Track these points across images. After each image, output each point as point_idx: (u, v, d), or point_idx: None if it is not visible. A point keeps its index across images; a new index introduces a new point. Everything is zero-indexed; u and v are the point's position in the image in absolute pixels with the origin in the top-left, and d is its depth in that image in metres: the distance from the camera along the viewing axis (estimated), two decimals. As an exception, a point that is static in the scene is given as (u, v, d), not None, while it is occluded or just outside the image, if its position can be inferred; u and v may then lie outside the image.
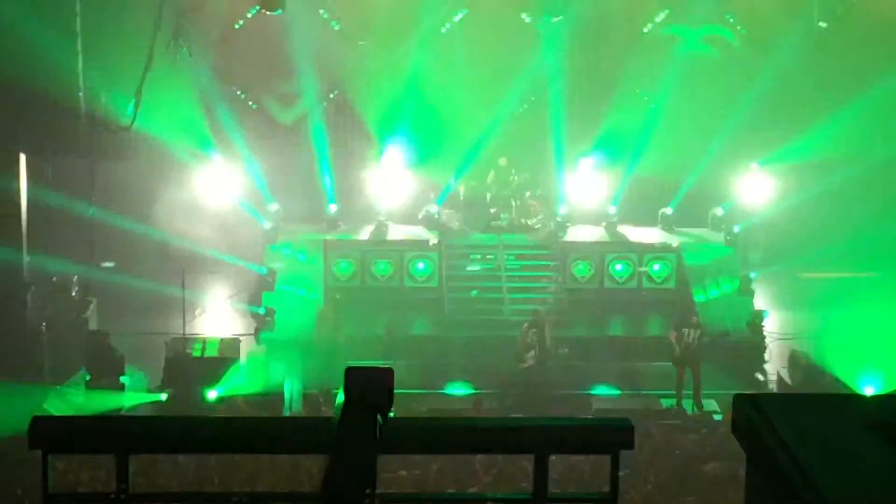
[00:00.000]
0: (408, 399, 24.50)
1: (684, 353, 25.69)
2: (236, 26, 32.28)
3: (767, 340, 28.91)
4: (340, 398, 4.65)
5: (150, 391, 25.36)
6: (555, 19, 32.21)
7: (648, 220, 33.14)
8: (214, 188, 31.47)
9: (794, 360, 26.31)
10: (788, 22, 31.31)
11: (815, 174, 29.47)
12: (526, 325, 26.24)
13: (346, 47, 32.64)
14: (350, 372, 4.66)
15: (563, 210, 32.93)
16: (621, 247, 32.21)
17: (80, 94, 27.48)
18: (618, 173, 32.98)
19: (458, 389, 26.46)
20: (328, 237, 31.81)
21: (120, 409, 24.12)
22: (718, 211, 33.24)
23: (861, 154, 28.74)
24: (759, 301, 30.61)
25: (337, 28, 32.62)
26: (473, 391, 26.17)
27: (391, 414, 4.82)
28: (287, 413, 24.50)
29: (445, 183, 32.75)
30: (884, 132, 28.34)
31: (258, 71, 32.64)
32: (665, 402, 25.95)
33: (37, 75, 25.25)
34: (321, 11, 32.46)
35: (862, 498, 4.02)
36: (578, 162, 33.27)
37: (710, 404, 25.19)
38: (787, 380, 26.35)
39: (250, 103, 32.97)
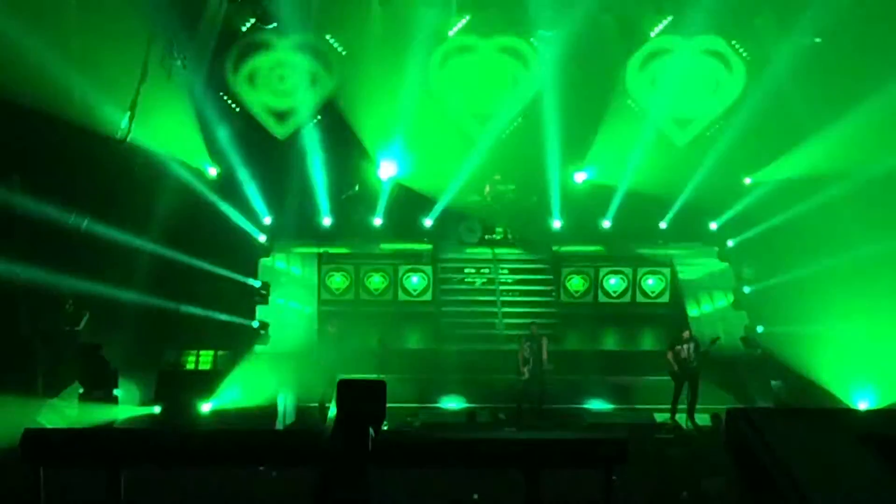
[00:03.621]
0: (401, 412, 24.48)
1: (682, 370, 25.62)
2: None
3: (761, 355, 28.86)
4: (333, 411, 4.65)
5: (143, 404, 25.30)
6: (548, 33, 32.23)
7: (643, 234, 33.16)
8: (209, 201, 31.39)
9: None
10: (783, 37, 31.37)
11: (808, 189, 29.44)
12: (524, 338, 26.23)
13: (341, 61, 32.69)
14: (343, 385, 4.65)
15: (557, 224, 32.98)
16: (615, 261, 32.22)
17: (75, 107, 27.46)
18: (612, 188, 32.98)
19: (451, 403, 26.40)
20: (322, 251, 31.81)
21: (113, 422, 24.03)
22: (713, 226, 33.27)
23: (855, 169, 28.74)
24: (753, 316, 30.55)
25: (331, 42, 32.65)
26: (467, 405, 26.12)
27: (384, 427, 4.81)
28: (281, 426, 24.43)
29: (440, 197, 32.74)
30: (878, 147, 28.32)
31: (255, 84, 32.63)
32: (659, 417, 25.91)
33: (31, 89, 25.22)
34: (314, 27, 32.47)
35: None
36: (573, 176, 33.29)
37: (704, 419, 25.13)
38: (781, 394, 26.28)
39: (245, 116, 32.88)
